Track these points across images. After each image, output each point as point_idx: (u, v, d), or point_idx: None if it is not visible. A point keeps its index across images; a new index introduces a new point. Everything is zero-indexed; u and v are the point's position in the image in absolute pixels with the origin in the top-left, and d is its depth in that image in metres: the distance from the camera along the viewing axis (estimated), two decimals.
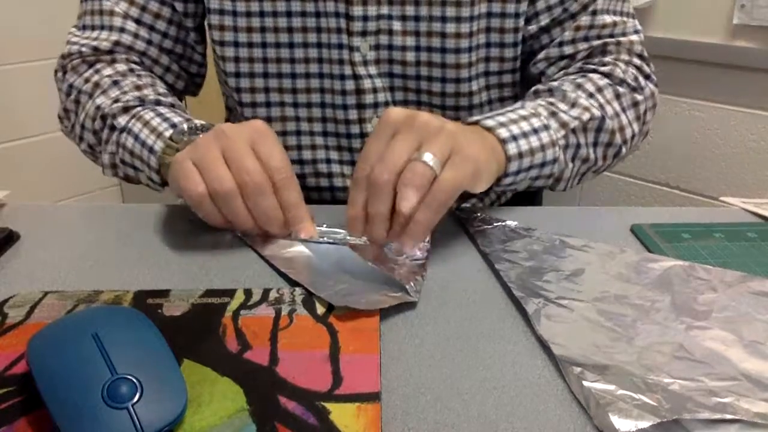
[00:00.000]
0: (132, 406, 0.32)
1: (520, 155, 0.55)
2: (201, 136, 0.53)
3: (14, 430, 0.33)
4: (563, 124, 0.59)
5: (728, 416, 0.34)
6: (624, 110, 0.64)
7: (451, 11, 0.64)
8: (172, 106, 0.63)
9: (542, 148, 0.56)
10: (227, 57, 0.68)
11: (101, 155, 0.64)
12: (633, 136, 0.65)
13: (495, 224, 0.56)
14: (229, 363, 0.38)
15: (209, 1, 0.66)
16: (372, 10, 0.64)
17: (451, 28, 0.64)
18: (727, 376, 0.37)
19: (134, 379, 0.33)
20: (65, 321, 0.38)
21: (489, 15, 0.66)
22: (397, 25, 0.65)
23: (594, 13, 0.66)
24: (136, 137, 0.59)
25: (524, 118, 0.56)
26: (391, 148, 0.47)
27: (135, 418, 0.31)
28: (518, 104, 0.60)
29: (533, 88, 0.65)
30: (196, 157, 0.50)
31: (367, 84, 0.67)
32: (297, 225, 0.51)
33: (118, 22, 0.67)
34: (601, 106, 0.62)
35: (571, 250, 0.52)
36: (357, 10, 0.64)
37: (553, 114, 0.59)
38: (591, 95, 0.62)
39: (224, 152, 0.49)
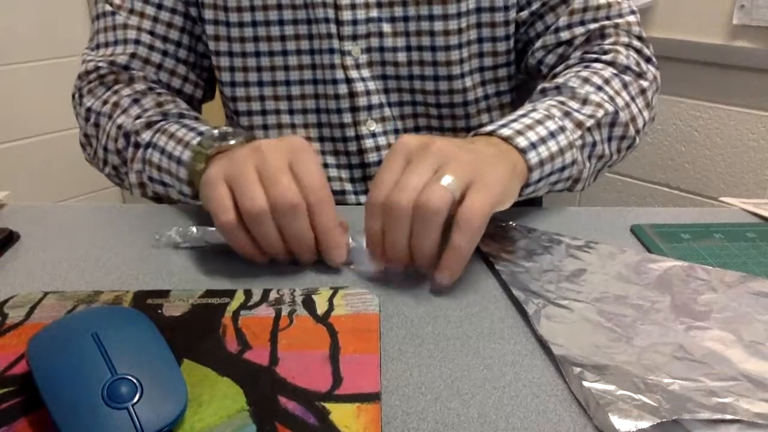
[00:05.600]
0: (132, 406, 0.32)
1: (541, 163, 0.53)
2: (237, 151, 0.49)
3: (14, 430, 0.33)
4: (578, 124, 0.57)
5: (728, 416, 0.34)
6: (633, 99, 0.63)
7: (437, 9, 0.64)
8: (196, 119, 0.63)
9: (561, 152, 0.54)
10: (222, 66, 0.69)
11: (127, 176, 0.63)
12: (644, 125, 0.65)
13: (495, 224, 0.56)
14: (229, 363, 0.38)
15: (204, 12, 0.67)
16: (361, 14, 0.65)
17: (439, 26, 0.65)
18: (727, 377, 0.37)
19: (134, 379, 0.33)
20: (65, 321, 0.38)
21: (478, 10, 0.66)
22: (386, 27, 0.65)
23: None
24: (162, 151, 0.58)
25: (539, 122, 0.55)
26: (407, 174, 0.44)
27: (135, 418, 0.31)
28: (529, 106, 0.58)
29: (540, 87, 0.64)
30: (229, 174, 0.47)
31: (359, 87, 0.67)
32: (330, 252, 0.49)
33: (132, 34, 0.67)
34: (612, 99, 0.61)
35: (571, 250, 0.52)
36: (346, 15, 0.64)
37: (567, 114, 0.57)
38: (600, 88, 0.61)
39: (259, 170, 0.46)
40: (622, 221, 0.59)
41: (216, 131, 0.54)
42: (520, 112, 0.57)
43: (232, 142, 0.52)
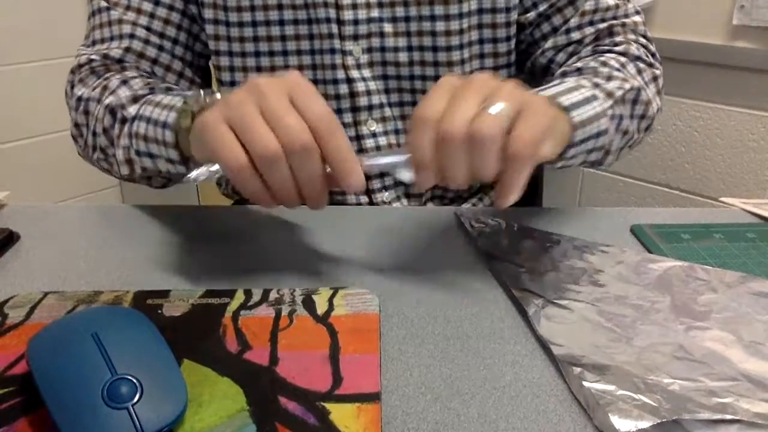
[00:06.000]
0: (132, 406, 0.32)
1: (582, 123, 0.52)
2: (232, 93, 0.45)
3: (14, 430, 0.33)
4: (608, 94, 0.57)
5: (728, 416, 0.34)
6: (647, 84, 0.64)
7: (439, 9, 0.64)
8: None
9: (597, 117, 0.54)
10: (222, 66, 0.68)
11: (115, 157, 0.61)
12: (658, 110, 0.65)
13: (495, 224, 0.56)
14: (229, 363, 0.38)
15: (204, 11, 0.66)
16: (362, 14, 0.65)
17: (440, 26, 0.65)
18: (727, 377, 0.37)
19: (134, 379, 0.33)
20: (65, 321, 0.38)
21: (480, 11, 0.66)
22: (388, 27, 0.65)
23: None
24: (149, 120, 0.55)
25: (572, 89, 0.54)
26: (455, 104, 0.42)
27: (135, 418, 0.31)
28: (556, 81, 0.57)
29: (560, 71, 0.64)
30: (231, 116, 0.43)
31: (360, 87, 0.67)
32: (348, 178, 0.43)
33: (127, 29, 0.66)
34: (633, 78, 0.62)
35: (571, 250, 0.52)
36: (348, 15, 0.64)
37: (596, 85, 0.57)
38: (619, 70, 0.62)
39: (262, 110, 0.43)
40: (622, 221, 0.59)
41: (202, 91, 0.51)
42: (550, 84, 0.55)
43: (233, 92, 0.47)
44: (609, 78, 0.60)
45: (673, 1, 1.38)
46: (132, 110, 0.58)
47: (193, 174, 0.48)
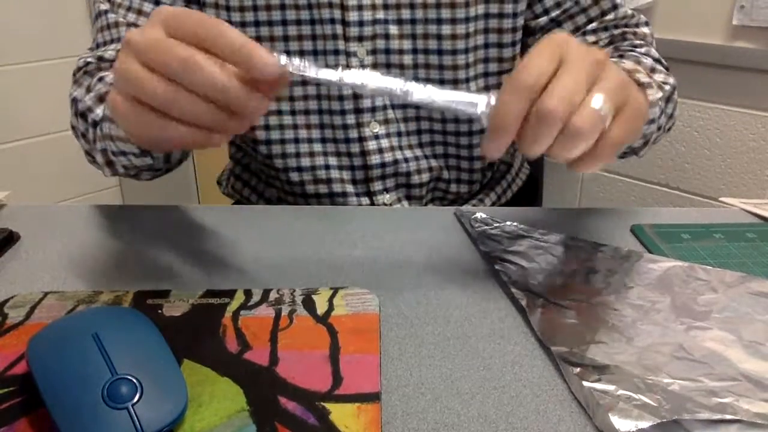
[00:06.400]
0: (132, 406, 0.32)
1: (651, 104, 0.52)
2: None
3: (14, 430, 0.33)
4: (659, 86, 0.57)
5: (728, 416, 0.34)
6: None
7: (446, 13, 0.64)
8: None
9: (653, 103, 0.54)
10: None
11: (96, 161, 0.60)
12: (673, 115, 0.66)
13: (495, 224, 0.56)
14: (229, 363, 0.38)
15: (206, 12, 0.66)
16: (368, 15, 0.64)
17: (446, 30, 0.65)
18: (727, 377, 0.37)
19: (134, 379, 0.33)
20: (65, 321, 0.38)
21: (486, 16, 0.66)
22: (393, 29, 0.65)
23: (615, 7, 0.68)
24: (111, 119, 0.53)
25: (636, 70, 0.53)
26: (563, 79, 0.39)
27: (135, 418, 0.31)
28: (614, 59, 0.57)
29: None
30: (119, 86, 0.40)
31: None
32: (252, 60, 0.38)
33: (123, 32, 0.65)
34: (668, 75, 0.62)
35: (570, 250, 0.52)
36: (353, 16, 0.64)
37: (648, 75, 0.56)
38: (653, 67, 0.62)
39: (142, 62, 0.39)
40: (622, 221, 0.59)
41: None
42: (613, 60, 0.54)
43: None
44: (653, 70, 0.60)
45: (673, 1, 1.38)
46: (99, 112, 0.57)
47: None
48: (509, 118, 0.38)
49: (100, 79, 0.60)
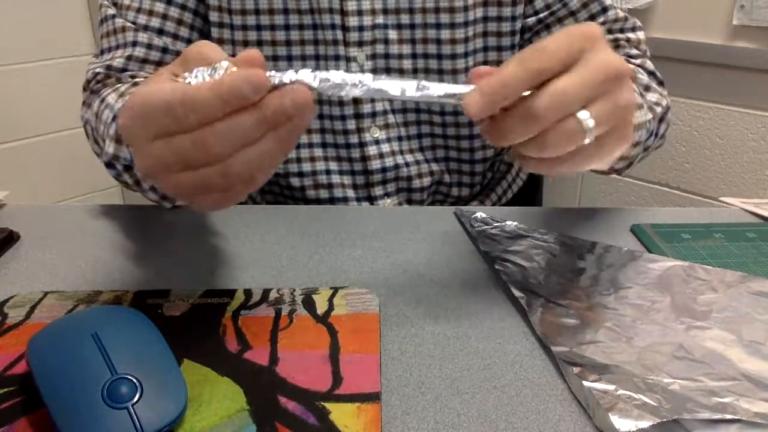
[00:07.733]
0: (132, 406, 0.32)
1: (637, 126, 0.52)
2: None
3: (14, 430, 0.33)
4: (650, 107, 0.57)
5: (728, 416, 0.34)
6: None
7: (445, 18, 0.64)
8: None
9: (640, 126, 0.54)
10: None
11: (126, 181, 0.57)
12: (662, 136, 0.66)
13: (495, 224, 0.56)
14: (229, 363, 0.38)
15: (210, 14, 0.66)
16: (367, 21, 0.64)
17: (445, 34, 0.65)
18: (727, 376, 0.37)
19: (134, 379, 0.33)
20: (65, 321, 0.38)
21: (485, 19, 0.66)
22: (393, 34, 0.65)
23: (605, 10, 0.66)
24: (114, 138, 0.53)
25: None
26: (566, 88, 0.36)
27: (135, 418, 0.31)
28: None
29: None
30: (143, 167, 0.36)
31: None
32: (242, 90, 0.35)
33: (130, 36, 0.65)
34: (663, 96, 0.62)
35: (570, 250, 0.52)
36: (353, 21, 0.64)
37: (641, 95, 0.56)
38: (648, 85, 0.62)
39: (178, 169, 0.35)
40: (622, 221, 0.59)
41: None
42: None
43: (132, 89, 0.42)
44: (647, 88, 0.60)
45: (673, 1, 1.38)
46: (110, 150, 0.54)
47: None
48: (507, 90, 0.36)
49: (103, 101, 0.58)
